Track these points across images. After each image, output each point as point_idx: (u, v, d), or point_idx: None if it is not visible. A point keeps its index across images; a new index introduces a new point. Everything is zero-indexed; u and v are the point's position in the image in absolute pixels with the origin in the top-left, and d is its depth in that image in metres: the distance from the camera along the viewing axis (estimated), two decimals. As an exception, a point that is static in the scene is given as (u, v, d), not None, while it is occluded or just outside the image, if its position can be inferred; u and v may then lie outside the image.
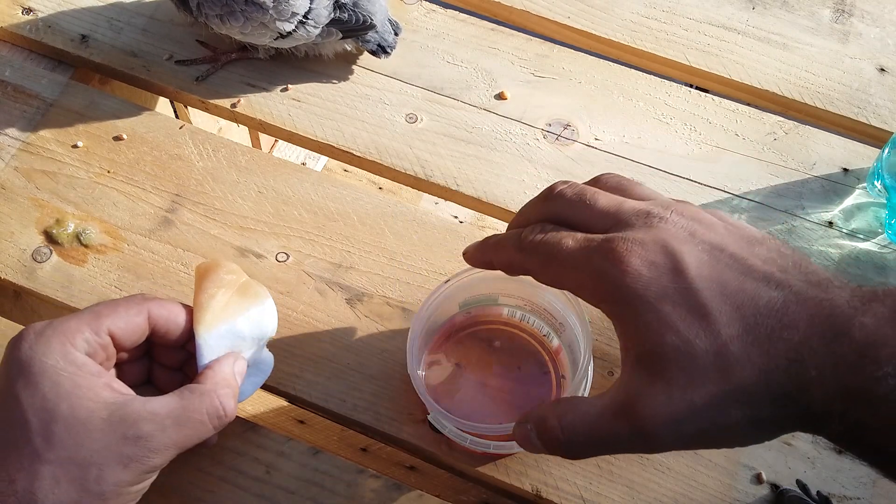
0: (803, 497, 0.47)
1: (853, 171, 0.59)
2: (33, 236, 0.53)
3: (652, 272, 0.34)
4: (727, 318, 0.33)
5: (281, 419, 0.59)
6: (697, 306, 0.33)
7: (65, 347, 0.38)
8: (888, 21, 0.66)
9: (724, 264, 0.34)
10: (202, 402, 0.40)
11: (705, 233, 0.36)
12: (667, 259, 0.34)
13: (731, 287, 0.34)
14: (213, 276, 0.44)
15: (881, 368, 0.31)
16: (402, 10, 0.64)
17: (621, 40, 0.64)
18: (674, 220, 0.36)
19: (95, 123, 0.58)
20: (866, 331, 0.32)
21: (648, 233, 0.35)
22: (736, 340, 0.33)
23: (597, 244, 0.36)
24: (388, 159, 0.58)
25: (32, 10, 0.63)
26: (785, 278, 0.34)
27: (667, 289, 0.34)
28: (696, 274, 0.34)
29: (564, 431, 0.36)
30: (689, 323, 0.33)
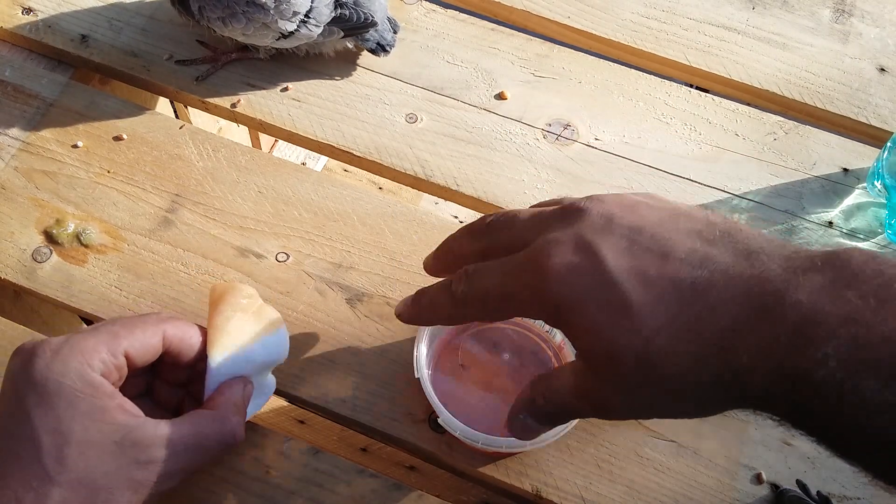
0: (803, 497, 0.47)
1: (853, 171, 0.59)
2: (33, 236, 0.53)
3: (572, 273, 0.33)
4: (650, 310, 0.32)
5: (281, 419, 0.59)
6: (619, 302, 0.32)
7: (82, 368, 0.37)
8: (888, 21, 0.66)
9: (643, 248, 0.33)
10: (214, 429, 0.40)
11: (624, 216, 0.34)
12: (585, 255, 0.33)
13: (652, 273, 0.32)
14: (231, 298, 0.43)
15: (820, 349, 0.29)
16: (402, 10, 0.64)
17: (621, 40, 0.64)
18: (590, 209, 0.35)
19: (95, 123, 0.58)
20: (801, 308, 0.29)
21: (566, 230, 0.34)
22: (662, 333, 0.31)
23: (518, 261, 0.35)
24: (388, 159, 0.58)
25: (32, 10, 0.63)
26: (710, 252, 0.32)
27: (588, 288, 0.33)
28: (614, 265, 0.33)
29: (549, 403, 0.37)
30: (614, 323, 0.32)
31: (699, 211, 0.35)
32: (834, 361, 0.29)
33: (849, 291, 0.29)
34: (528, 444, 0.45)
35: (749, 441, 0.49)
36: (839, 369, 0.28)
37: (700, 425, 0.49)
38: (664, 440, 0.48)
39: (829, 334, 0.29)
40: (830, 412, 0.29)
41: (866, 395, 0.28)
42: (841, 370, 0.28)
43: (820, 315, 0.29)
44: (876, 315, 0.28)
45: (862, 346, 0.28)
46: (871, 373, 0.28)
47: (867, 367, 0.28)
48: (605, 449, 0.48)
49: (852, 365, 0.28)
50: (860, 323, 0.29)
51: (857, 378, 0.28)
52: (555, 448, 0.48)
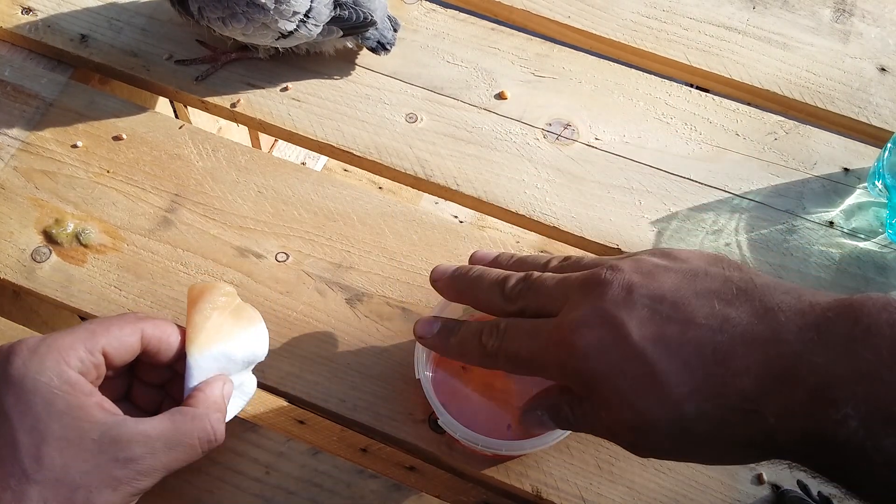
0: (804, 497, 0.47)
1: (854, 171, 0.59)
2: (33, 236, 0.53)
3: (601, 350, 0.34)
4: (677, 379, 0.33)
5: (281, 419, 0.59)
6: (647, 373, 0.33)
7: (59, 366, 0.37)
8: (889, 21, 0.66)
9: (664, 317, 0.34)
10: (194, 426, 0.40)
11: (643, 284, 0.35)
12: (611, 331, 0.34)
13: (675, 342, 0.33)
14: (209, 296, 0.43)
15: (839, 411, 0.29)
16: (403, 10, 0.64)
17: (622, 40, 0.64)
18: (611, 281, 0.36)
19: (95, 123, 0.58)
20: (818, 371, 0.30)
21: (590, 306, 0.36)
22: (690, 399, 0.33)
23: (548, 334, 0.37)
24: (388, 159, 0.58)
25: (32, 10, 0.63)
26: (729, 315, 0.33)
27: (615, 361, 0.34)
28: (638, 337, 0.34)
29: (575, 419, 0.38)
30: (643, 393, 0.33)
31: (715, 267, 0.36)
32: (855, 421, 0.29)
33: (863, 348, 0.30)
34: (528, 447, 0.45)
35: (750, 441, 0.48)
36: (860, 428, 0.29)
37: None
38: (664, 440, 0.48)
39: (847, 395, 0.30)
40: (858, 470, 0.30)
41: (888, 451, 0.29)
42: (862, 429, 0.29)
43: (836, 376, 0.30)
44: (891, 370, 0.29)
45: (880, 404, 0.29)
46: (890, 429, 0.29)
47: (886, 423, 0.29)
48: (605, 449, 0.48)
49: (873, 423, 0.29)
50: (876, 379, 0.29)
51: (878, 436, 0.29)
52: (555, 449, 0.48)
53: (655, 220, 0.56)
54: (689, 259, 0.37)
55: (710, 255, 0.37)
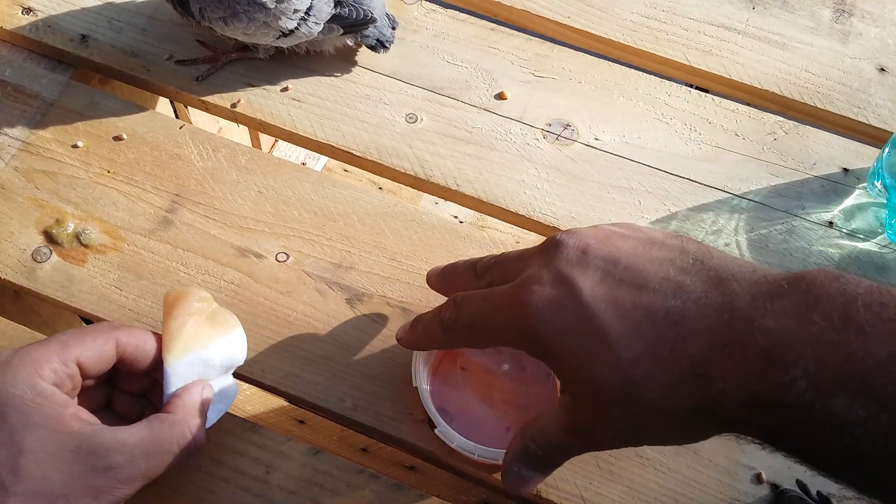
0: (803, 497, 0.47)
1: (853, 171, 0.59)
2: (33, 236, 0.53)
3: (551, 307, 0.34)
4: (627, 341, 0.33)
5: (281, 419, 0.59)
6: (597, 334, 0.33)
7: (32, 378, 0.37)
8: (888, 21, 0.66)
9: (618, 279, 0.34)
10: (172, 432, 0.40)
11: (599, 247, 0.35)
12: (562, 289, 0.34)
13: (628, 304, 0.33)
14: (184, 303, 0.43)
15: (788, 372, 0.30)
16: (403, 10, 0.64)
17: (621, 40, 0.64)
18: (567, 243, 0.36)
19: (95, 123, 0.58)
20: (769, 334, 0.30)
21: (545, 266, 0.36)
22: (639, 363, 0.33)
23: (501, 294, 0.37)
24: (388, 159, 0.58)
25: (32, 10, 0.63)
26: (683, 282, 0.33)
27: (567, 321, 0.34)
28: (590, 297, 0.34)
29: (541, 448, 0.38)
30: (593, 355, 0.33)
31: (673, 239, 0.36)
32: (803, 383, 0.29)
33: (814, 314, 0.30)
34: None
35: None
36: (809, 389, 0.29)
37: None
38: (664, 440, 0.48)
39: (797, 357, 0.30)
40: (804, 433, 0.30)
41: (837, 412, 0.29)
42: (811, 390, 0.29)
43: (787, 339, 0.30)
44: (841, 334, 0.29)
45: (829, 365, 0.29)
46: (839, 390, 0.29)
47: (835, 385, 0.29)
48: (605, 449, 0.48)
49: (821, 384, 0.29)
50: (826, 343, 0.29)
51: (826, 397, 0.29)
52: (555, 448, 0.48)
53: (655, 221, 0.56)
54: (649, 231, 0.37)
55: (670, 231, 0.37)
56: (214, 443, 0.47)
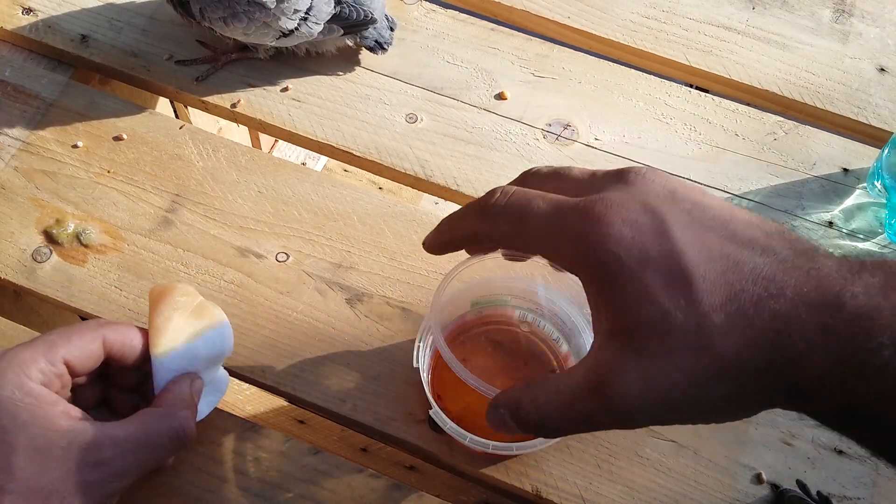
0: (803, 497, 0.47)
1: (853, 171, 0.59)
2: (33, 236, 0.53)
3: (634, 233, 0.31)
4: (711, 286, 0.30)
5: (281, 419, 0.59)
6: (680, 272, 0.31)
7: (20, 379, 0.38)
8: (888, 21, 0.66)
9: (707, 226, 0.32)
10: (162, 426, 0.40)
11: (686, 192, 0.33)
12: (649, 219, 0.31)
13: (716, 251, 0.31)
14: (168, 298, 0.44)
15: (874, 339, 0.29)
16: (402, 10, 0.64)
17: (621, 40, 0.64)
18: (652, 179, 0.33)
19: (95, 123, 0.58)
20: (857, 301, 0.30)
21: (628, 192, 0.33)
22: (719, 310, 0.30)
23: (573, 204, 0.33)
24: (388, 159, 0.58)
25: (32, 11, 0.63)
26: (770, 244, 0.32)
27: (649, 252, 0.31)
28: (679, 235, 0.31)
29: (539, 413, 0.34)
30: (671, 292, 0.30)
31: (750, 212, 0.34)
32: (889, 350, 0.29)
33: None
34: (516, 449, 0.44)
35: (749, 441, 0.49)
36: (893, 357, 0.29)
37: (700, 425, 0.49)
38: (664, 440, 0.48)
39: (884, 325, 0.29)
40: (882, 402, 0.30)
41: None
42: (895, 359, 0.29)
43: (874, 308, 0.30)
44: None
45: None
46: None
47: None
48: (605, 449, 0.48)
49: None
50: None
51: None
52: (555, 448, 0.48)
53: (655, 221, 0.56)
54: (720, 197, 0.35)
55: None
56: (214, 443, 0.47)
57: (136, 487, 0.45)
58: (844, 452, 0.48)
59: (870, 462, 0.48)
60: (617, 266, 0.31)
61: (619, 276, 0.31)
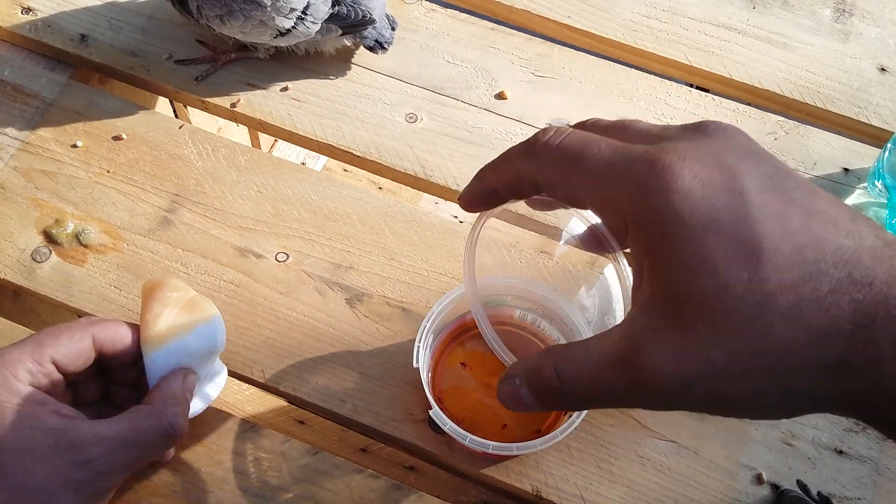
0: (804, 497, 0.47)
1: (854, 171, 0.59)
2: (33, 236, 0.53)
3: (706, 190, 0.27)
4: (784, 261, 0.26)
5: (281, 419, 0.59)
6: (750, 240, 0.26)
7: (7, 379, 0.38)
8: (889, 21, 0.66)
9: (789, 196, 0.27)
10: (150, 423, 0.40)
11: (767, 156, 0.29)
12: (725, 177, 0.27)
13: (796, 222, 0.27)
14: (159, 294, 0.44)
15: None
16: (403, 10, 0.64)
17: (622, 40, 0.64)
18: (735, 135, 0.29)
19: (95, 123, 0.58)
20: None
21: (704, 144, 0.28)
22: (789, 291, 0.26)
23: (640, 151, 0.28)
24: (388, 159, 0.58)
25: (32, 10, 0.63)
26: (856, 228, 0.27)
27: (719, 213, 0.27)
28: (756, 199, 0.27)
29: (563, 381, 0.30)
30: (735, 262, 0.26)
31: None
32: None
33: None
34: (516, 449, 0.44)
35: (749, 441, 0.48)
36: None
37: (701, 425, 0.49)
38: (664, 440, 0.48)
39: None
40: None
41: None
42: None
43: None
44: None
45: None
46: None
47: None
48: (605, 449, 0.48)
49: None
50: None
51: None
52: (555, 448, 0.48)
53: (655, 220, 0.56)
54: None
55: None
56: (214, 443, 0.47)
57: (135, 487, 0.45)
58: (845, 452, 0.48)
59: (870, 462, 0.48)
60: (677, 224, 0.27)
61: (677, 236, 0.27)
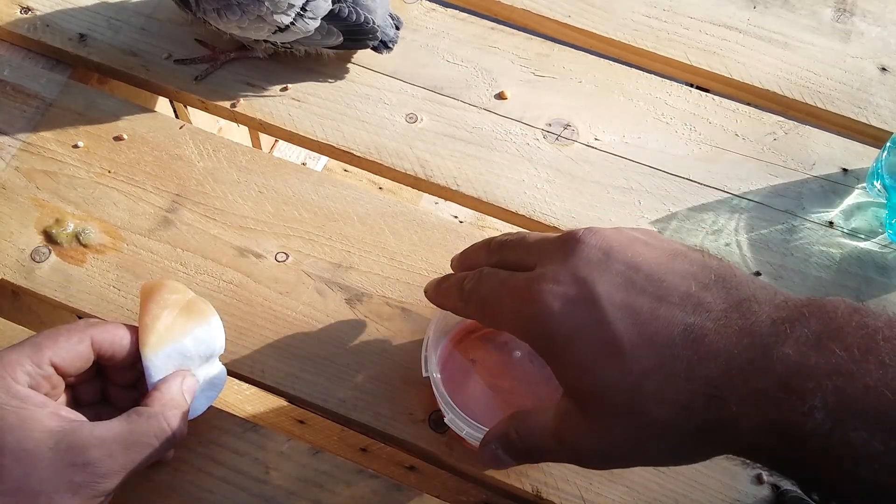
0: (803, 497, 0.47)
1: (853, 171, 0.59)
2: (33, 236, 0.53)
3: (566, 307, 0.33)
4: (641, 352, 0.32)
5: (281, 419, 0.59)
6: (610, 341, 0.32)
7: (6, 382, 0.38)
8: (889, 20, 0.66)
9: (638, 288, 0.33)
10: (149, 425, 0.40)
11: (621, 251, 0.34)
12: (580, 289, 0.34)
13: (646, 315, 0.32)
14: (157, 296, 0.44)
15: (806, 402, 0.29)
16: (403, 10, 0.64)
17: (622, 39, 0.64)
18: (588, 242, 0.35)
19: (95, 123, 0.58)
20: (788, 362, 0.30)
21: (564, 262, 0.35)
22: (651, 376, 0.32)
23: (518, 284, 0.36)
24: (388, 159, 0.58)
25: (31, 9, 0.63)
26: (704, 299, 0.32)
27: (581, 324, 0.33)
28: (608, 303, 0.33)
29: (523, 443, 0.38)
30: (604, 362, 0.32)
31: (695, 252, 0.35)
32: (821, 413, 0.29)
33: (834, 344, 0.30)
34: None
35: (749, 441, 0.48)
36: (827, 420, 0.29)
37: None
38: (664, 440, 0.48)
39: (815, 387, 0.29)
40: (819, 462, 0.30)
41: (854, 444, 0.29)
42: (829, 421, 0.29)
43: (806, 368, 0.30)
44: (860, 367, 0.29)
45: (847, 397, 0.29)
46: (858, 423, 0.29)
47: (854, 418, 0.29)
48: (605, 449, 0.48)
49: (839, 416, 0.29)
50: (845, 374, 0.29)
51: (844, 429, 0.29)
52: (555, 448, 0.48)
53: (655, 221, 0.56)
54: (671, 242, 0.36)
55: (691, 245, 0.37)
56: (214, 443, 0.47)
57: (135, 487, 0.45)
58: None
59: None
60: (554, 339, 0.34)
61: (557, 349, 0.34)
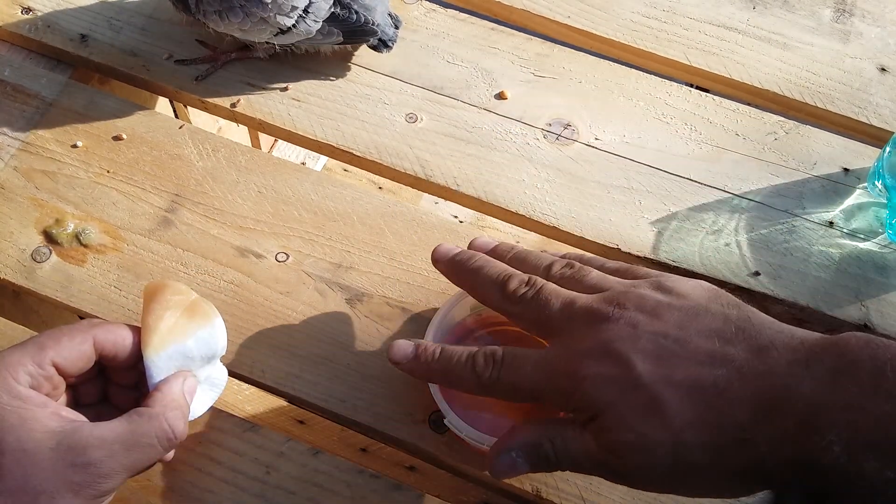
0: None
1: (854, 171, 0.59)
2: (33, 236, 0.53)
3: (606, 382, 0.37)
4: (679, 408, 0.35)
5: (281, 419, 0.59)
6: (650, 403, 0.36)
7: (7, 382, 0.38)
8: (889, 20, 0.66)
9: (668, 353, 0.37)
10: (150, 426, 0.40)
11: (648, 322, 0.38)
12: (615, 364, 0.37)
13: (678, 375, 0.36)
14: (161, 297, 0.44)
15: (824, 438, 0.32)
16: (403, 10, 0.64)
17: (622, 40, 0.64)
18: (617, 319, 0.38)
19: (95, 123, 0.58)
20: (805, 400, 0.33)
21: (595, 340, 0.38)
22: (690, 429, 0.35)
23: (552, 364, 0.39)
24: (388, 159, 0.58)
25: (32, 10, 0.63)
26: (727, 352, 0.36)
27: (621, 393, 0.36)
28: (643, 371, 0.36)
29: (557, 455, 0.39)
30: (645, 419, 0.36)
31: (716, 305, 0.38)
32: (837, 447, 0.32)
33: (846, 379, 0.33)
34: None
35: (749, 441, 0.48)
36: (843, 454, 0.32)
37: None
38: (664, 440, 0.48)
39: (831, 423, 0.32)
40: (843, 493, 0.32)
41: (868, 474, 0.32)
42: (844, 454, 0.32)
43: (822, 405, 0.33)
44: (871, 400, 0.32)
45: (860, 430, 0.32)
46: (870, 454, 0.32)
47: (866, 449, 0.32)
48: (605, 449, 0.48)
49: (854, 448, 0.32)
50: (857, 409, 0.32)
51: (859, 460, 0.32)
52: (555, 448, 0.48)
53: (655, 220, 0.56)
54: (690, 295, 0.39)
55: (709, 291, 0.39)
56: (214, 443, 0.47)
57: (135, 487, 0.45)
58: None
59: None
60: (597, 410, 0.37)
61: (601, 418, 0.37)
